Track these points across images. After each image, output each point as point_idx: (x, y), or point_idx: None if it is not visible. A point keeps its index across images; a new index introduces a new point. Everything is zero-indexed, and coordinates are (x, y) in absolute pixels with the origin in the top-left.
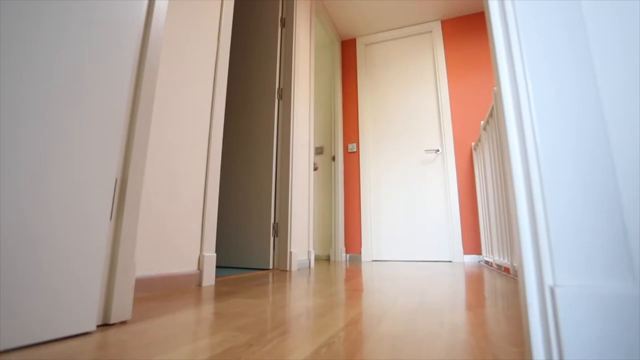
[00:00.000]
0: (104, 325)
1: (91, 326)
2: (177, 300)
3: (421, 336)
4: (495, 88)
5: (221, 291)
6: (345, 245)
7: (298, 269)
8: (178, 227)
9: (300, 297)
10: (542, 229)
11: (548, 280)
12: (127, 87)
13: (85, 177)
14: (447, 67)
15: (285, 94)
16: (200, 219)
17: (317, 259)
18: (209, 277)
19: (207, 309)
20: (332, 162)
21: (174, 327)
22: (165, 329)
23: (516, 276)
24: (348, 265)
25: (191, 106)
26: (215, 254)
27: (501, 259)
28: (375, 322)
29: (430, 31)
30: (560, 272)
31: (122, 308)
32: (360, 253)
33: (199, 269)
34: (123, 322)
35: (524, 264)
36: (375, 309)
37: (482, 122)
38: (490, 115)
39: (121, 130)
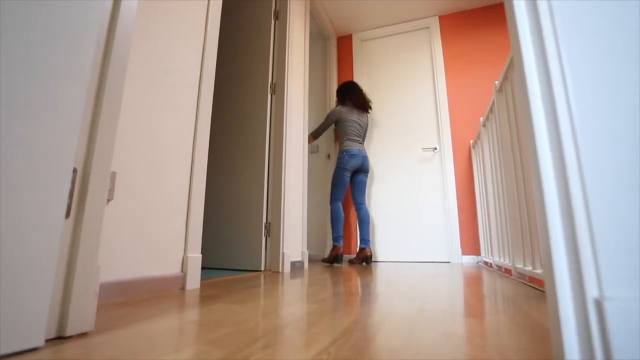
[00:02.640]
0: (58, 338)
1: (38, 341)
2: (153, 306)
3: (423, 351)
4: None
5: (205, 295)
6: None
7: (291, 271)
8: (160, 226)
9: (290, 302)
10: (583, 229)
11: (592, 292)
12: (87, 77)
13: (31, 165)
14: (445, 63)
15: (278, 89)
16: (185, 217)
17: (311, 259)
18: (194, 280)
19: (185, 316)
20: (327, 161)
21: (140, 339)
22: (129, 341)
23: (519, 278)
24: (343, 267)
25: (176, 99)
26: (200, 255)
27: (501, 260)
28: (371, 333)
29: (428, 27)
30: (609, 281)
31: (82, 318)
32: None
33: (182, 271)
34: (82, 334)
35: (556, 270)
36: (372, 316)
37: (481, 119)
38: (491, 111)
39: (80, 115)
